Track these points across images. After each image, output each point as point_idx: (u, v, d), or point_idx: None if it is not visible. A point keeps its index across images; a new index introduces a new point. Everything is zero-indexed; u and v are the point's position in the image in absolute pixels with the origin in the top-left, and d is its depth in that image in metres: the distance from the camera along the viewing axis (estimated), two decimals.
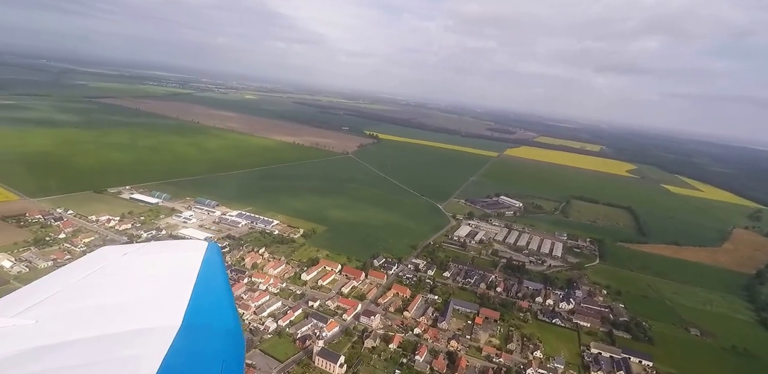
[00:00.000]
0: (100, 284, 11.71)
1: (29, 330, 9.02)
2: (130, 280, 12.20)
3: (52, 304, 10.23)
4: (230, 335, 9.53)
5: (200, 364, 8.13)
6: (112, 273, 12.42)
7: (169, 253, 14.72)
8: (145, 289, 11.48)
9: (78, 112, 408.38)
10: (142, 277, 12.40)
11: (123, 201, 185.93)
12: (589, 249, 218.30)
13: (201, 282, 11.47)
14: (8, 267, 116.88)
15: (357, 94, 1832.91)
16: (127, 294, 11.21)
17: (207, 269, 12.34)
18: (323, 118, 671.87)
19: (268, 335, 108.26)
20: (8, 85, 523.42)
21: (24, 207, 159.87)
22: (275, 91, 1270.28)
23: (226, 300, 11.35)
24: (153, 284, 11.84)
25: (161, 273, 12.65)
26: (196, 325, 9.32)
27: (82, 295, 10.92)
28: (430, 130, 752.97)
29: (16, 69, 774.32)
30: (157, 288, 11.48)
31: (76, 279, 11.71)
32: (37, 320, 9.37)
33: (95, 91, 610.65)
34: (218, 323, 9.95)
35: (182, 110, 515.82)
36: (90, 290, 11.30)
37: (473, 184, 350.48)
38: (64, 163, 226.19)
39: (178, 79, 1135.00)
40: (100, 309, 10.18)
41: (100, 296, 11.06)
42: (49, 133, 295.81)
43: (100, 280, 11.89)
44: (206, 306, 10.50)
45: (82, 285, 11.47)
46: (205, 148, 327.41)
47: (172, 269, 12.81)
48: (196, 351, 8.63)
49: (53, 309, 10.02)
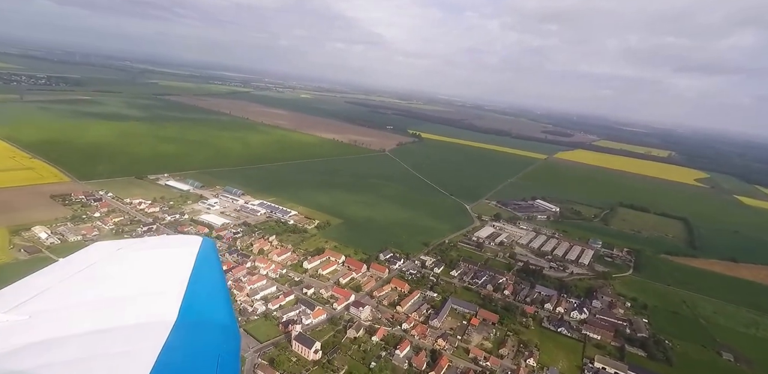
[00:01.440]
0: (94, 279, 11.62)
1: (22, 325, 8.94)
2: (125, 276, 12.12)
3: (45, 300, 10.19)
4: (225, 330, 9.54)
5: (196, 359, 8.14)
6: (106, 269, 12.31)
7: (163, 249, 14.65)
8: (139, 285, 11.40)
9: (142, 107, 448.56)
10: (137, 273, 12.32)
11: (159, 186, 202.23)
12: (624, 260, 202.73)
13: (196, 277, 11.38)
14: (44, 238, 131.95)
15: (412, 94, 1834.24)
16: (122, 289, 11.15)
17: (202, 264, 12.26)
18: (370, 117, 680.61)
19: (255, 317, 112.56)
20: (90, 83, 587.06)
21: (72, 188, 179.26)
22: (331, 90, 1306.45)
23: (221, 295, 11.35)
24: (147, 279, 11.75)
25: (156, 268, 12.59)
26: (191, 321, 9.27)
27: (76, 291, 10.86)
28: (478, 131, 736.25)
29: (101, 69, 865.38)
30: (152, 284, 11.40)
31: (70, 274, 11.63)
32: (31, 316, 9.29)
33: (164, 89, 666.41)
34: (213, 318, 9.92)
35: (237, 107, 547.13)
36: (84, 285, 11.23)
37: (510, 186, 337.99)
38: (117, 152, 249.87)
39: (242, 79, 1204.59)
40: (94, 304, 10.15)
41: (94, 291, 10.99)
42: (112, 125, 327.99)
43: (94, 276, 11.81)
44: (201, 301, 10.42)
45: (76, 280, 11.38)
46: (248, 143, 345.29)
47: (166, 264, 12.76)
48: (192, 346, 8.58)
49: (47, 304, 9.97)
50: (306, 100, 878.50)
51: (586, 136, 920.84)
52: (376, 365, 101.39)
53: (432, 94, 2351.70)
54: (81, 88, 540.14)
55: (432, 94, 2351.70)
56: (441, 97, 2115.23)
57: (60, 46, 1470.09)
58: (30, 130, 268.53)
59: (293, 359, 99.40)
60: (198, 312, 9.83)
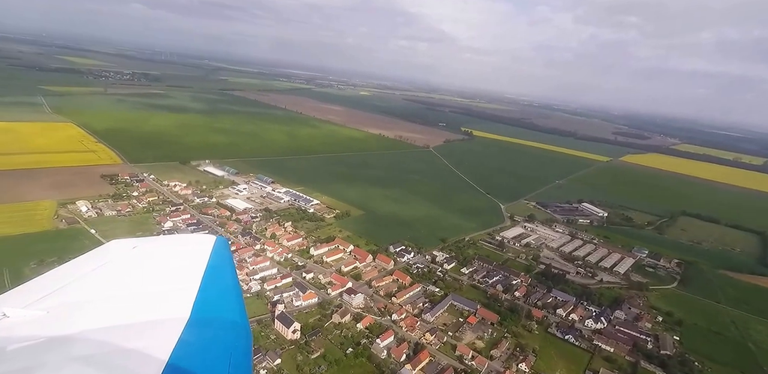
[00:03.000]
0: (110, 276, 11.95)
1: (40, 320, 9.20)
2: (140, 273, 12.45)
3: (62, 296, 10.45)
4: (238, 328, 9.77)
5: (208, 356, 8.39)
6: (121, 266, 12.64)
7: (177, 247, 15.16)
8: (153, 282, 11.72)
9: (206, 101, 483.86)
10: (151, 270, 12.65)
11: (197, 172, 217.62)
12: (670, 272, 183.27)
13: (209, 275, 11.67)
14: (84, 211, 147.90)
15: (476, 93, 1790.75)
16: (137, 286, 11.45)
17: (215, 263, 12.56)
18: (424, 114, 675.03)
19: (248, 295, 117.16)
20: (167, 79, 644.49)
21: (121, 169, 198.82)
22: (393, 88, 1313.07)
23: (233, 293, 11.61)
24: (161, 277, 12.10)
25: (170, 266, 12.98)
26: (204, 318, 9.49)
27: (92, 287, 11.15)
28: (539, 130, 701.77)
29: (180, 67, 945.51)
30: (166, 282, 11.72)
31: (86, 271, 11.95)
32: (48, 311, 9.54)
33: (231, 85, 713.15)
34: (226, 316, 10.17)
35: (294, 103, 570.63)
36: (100, 282, 11.52)
37: (557, 187, 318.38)
38: (170, 140, 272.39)
39: (307, 77, 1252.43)
40: (109, 301, 10.42)
41: (109, 288, 11.29)
42: (174, 116, 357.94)
43: (110, 273, 12.12)
44: (214, 299, 10.68)
45: (93, 277, 11.68)
46: (295, 135, 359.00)
47: (180, 263, 13.12)
48: (204, 343, 8.82)
49: (64, 300, 10.22)
50: (364, 97, 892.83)
51: (665, 139, 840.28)
52: (352, 351, 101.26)
53: (498, 92, 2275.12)
54: (158, 83, 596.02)
55: (498, 92, 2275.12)
56: (507, 95, 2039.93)
57: (150, 46, 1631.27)
58: (102, 119, 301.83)
59: (272, 337, 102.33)
60: (211, 310, 10.05)
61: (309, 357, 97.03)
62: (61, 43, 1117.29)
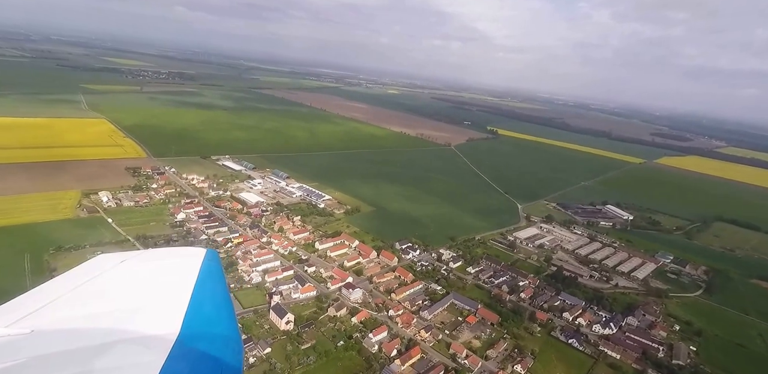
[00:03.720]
0: (97, 292, 11.72)
1: (25, 340, 8.90)
2: (128, 288, 12.26)
3: (48, 313, 10.14)
4: (229, 342, 9.69)
5: (199, 372, 8.26)
6: (109, 281, 12.42)
7: (166, 260, 14.82)
8: (142, 297, 11.52)
9: (235, 99, 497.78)
10: (140, 285, 12.44)
11: (216, 166, 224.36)
12: (695, 279, 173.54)
13: (199, 289, 11.50)
14: (105, 201, 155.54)
15: (509, 92, 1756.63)
16: (125, 302, 11.23)
17: (205, 276, 12.38)
18: (450, 113, 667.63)
19: (248, 285, 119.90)
20: (201, 78, 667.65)
21: (144, 163, 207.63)
22: (423, 87, 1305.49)
23: (224, 306, 11.52)
24: (151, 292, 11.89)
25: (159, 280, 12.73)
26: (194, 333, 9.34)
27: (78, 303, 10.90)
28: (571, 130, 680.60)
29: (216, 66, 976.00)
30: (155, 296, 11.50)
31: (73, 287, 11.67)
32: (33, 329, 9.26)
33: (261, 84, 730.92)
34: (217, 330, 10.04)
35: (320, 100, 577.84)
36: (87, 298, 11.29)
37: (582, 188, 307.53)
38: (194, 136, 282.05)
39: (338, 76, 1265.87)
40: (97, 317, 10.15)
41: (97, 304, 11.04)
42: (201, 113, 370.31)
43: (97, 288, 11.90)
44: (204, 313, 10.56)
45: (79, 293, 11.44)
46: (316, 132, 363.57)
47: (169, 276, 12.89)
48: (195, 358, 8.65)
49: (49, 318, 9.91)
50: (392, 95, 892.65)
51: (710, 141, 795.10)
52: (343, 344, 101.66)
53: (531, 91, 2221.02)
54: (192, 82, 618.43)
55: (531, 91, 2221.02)
56: (541, 95, 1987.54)
57: (189, 46, 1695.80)
58: (133, 115, 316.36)
59: (266, 326, 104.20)
60: (201, 325, 9.91)
61: (299, 347, 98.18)
62: (109, 45, 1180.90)
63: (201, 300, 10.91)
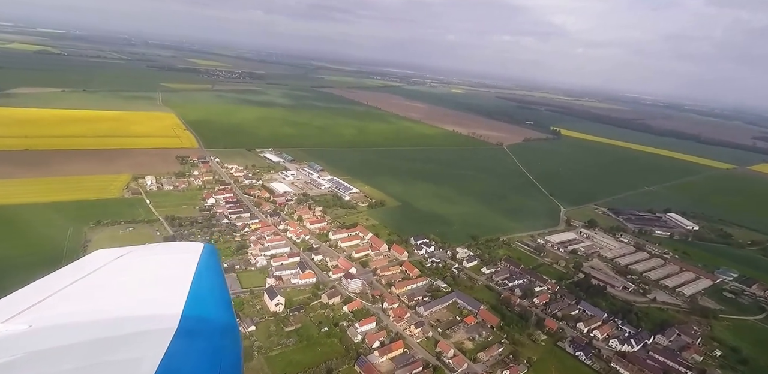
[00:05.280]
0: (95, 287, 11.63)
1: (23, 335, 8.82)
2: (126, 283, 12.18)
3: (45, 308, 10.08)
4: (227, 337, 9.58)
5: (198, 367, 8.16)
6: (106, 276, 12.31)
7: (164, 255, 14.93)
8: (140, 292, 11.48)
9: (295, 97, 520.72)
10: (138, 280, 12.40)
11: (257, 157, 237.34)
12: (759, 301, 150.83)
13: (197, 283, 11.44)
14: (148, 184, 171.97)
15: (590, 91, 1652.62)
16: (123, 297, 11.20)
17: (203, 271, 12.33)
18: (513, 112, 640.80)
19: (252, 268, 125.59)
20: (269, 77, 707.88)
21: (194, 152, 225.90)
22: (490, 86, 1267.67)
23: (222, 301, 11.42)
24: (148, 286, 11.84)
25: (157, 275, 12.71)
26: (192, 327, 9.29)
27: (76, 299, 10.84)
28: (651, 132, 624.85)
29: (286, 66, 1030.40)
30: (153, 291, 11.48)
31: (71, 282, 11.58)
32: (31, 325, 9.17)
33: (324, 83, 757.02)
34: (215, 325, 9.95)
35: (378, 99, 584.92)
36: (84, 293, 11.21)
37: (643, 194, 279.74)
38: (245, 131, 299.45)
39: (403, 75, 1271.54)
40: (94, 312, 10.11)
41: (94, 299, 11.00)
42: (258, 110, 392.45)
43: (94, 283, 11.79)
44: (203, 308, 10.47)
45: (77, 288, 11.35)
46: (364, 130, 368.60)
47: (167, 271, 12.86)
48: (193, 353, 8.56)
49: (47, 313, 9.85)
50: (454, 94, 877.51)
51: None
52: (327, 331, 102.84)
53: (615, 91, 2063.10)
54: (260, 81, 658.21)
55: (615, 91, 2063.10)
56: (628, 94, 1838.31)
57: (265, 48, 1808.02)
58: (198, 110, 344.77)
59: (258, 307, 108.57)
60: (199, 320, 9.88)
61: (283, 329, 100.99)
62: (196, 47, 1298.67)
63: (199, 295, 10.84)
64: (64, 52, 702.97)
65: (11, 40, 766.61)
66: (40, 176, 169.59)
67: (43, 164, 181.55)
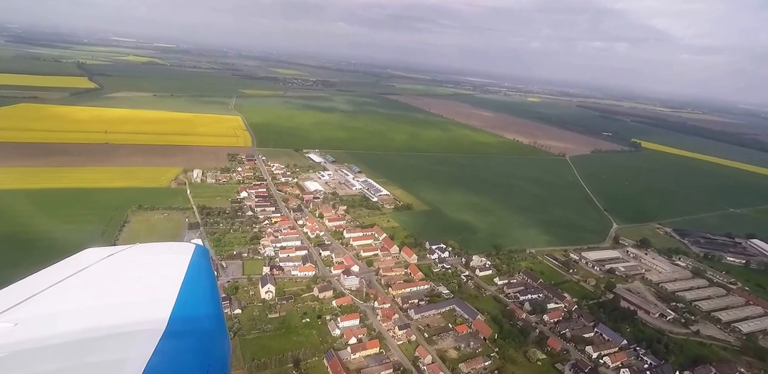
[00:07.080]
0: (83, 286, 11.39)
1: (8, 333, 8.69)
2: (114, 282, 11.92)
3: (32, 307, 9.89)
4: (216, 339, 9.48)
5: (185, 368, 8.10)
6: (95, 275, 12.06)
7: (155, 256, 14.62)
8: (129, 292, 11.25)
9: (357, 103, 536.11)
10: (127, 279, 12.15)
11: (302, 157, 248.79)
12: None
13: (187, 284, 11.28)
14: (194, 177, 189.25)
15: (693, 101, 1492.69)
16: (111, 296, 10.95)
17: (193, 271, 12.19)
18: (592, 123, 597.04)
19: (259, 257, 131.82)
20: (340, 85, 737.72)
21: (244, 151, 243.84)
22: (572, 95, 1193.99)
23: (212, 303, 11.24)
24: (138, 286, 11.60)
25: (146, 275, 12.52)
26: (181, 329, 9.16)
27: (64, 298, 10.62)
28: (757, 148, 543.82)
29: (360, 75, 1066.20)
30: (142, 291, 11.27)
31: (58, 280, 11.34)
32: (16, 323, 9.04)
33: (394, 90, 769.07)
34: (204, 326, 9.82)
35: (443, 107, 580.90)
36: (72, 292, 10.97)
37: (725, 216, 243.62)
38: (299, 134, 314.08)
39: (479, 83, 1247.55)
40: (82, 312, 9.89)
41: (82, 298, 10.73)
42: (318, 115, 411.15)
43: (83, 282, 11.55)
44: (192, 309, 10.31)
45: (65, 287, 11.11)
46: (418, 136, 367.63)
47: (157, 271, 12.71)
48: (181, 354, 8.48)
49: (33, 312, 9.68)
50: (529, 103, 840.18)
51: None
52: (308, 320, 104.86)
53: (727, 101, 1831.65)
54: (330, 88, 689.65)
55: (727, 101, 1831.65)
56: (741, 106, 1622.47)
57: (346, 58, 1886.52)
58: (263, 114, 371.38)
59: (251, 293, 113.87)
60: (188, 321, 9.69)
61: (267, 315, 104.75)
62: (283, 58, 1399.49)
63: (188, 296, 10.78)
64: (167, 63, 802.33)
65: (128, 53, 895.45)
66: (107, 166, 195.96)
67: (113, 155, 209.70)
